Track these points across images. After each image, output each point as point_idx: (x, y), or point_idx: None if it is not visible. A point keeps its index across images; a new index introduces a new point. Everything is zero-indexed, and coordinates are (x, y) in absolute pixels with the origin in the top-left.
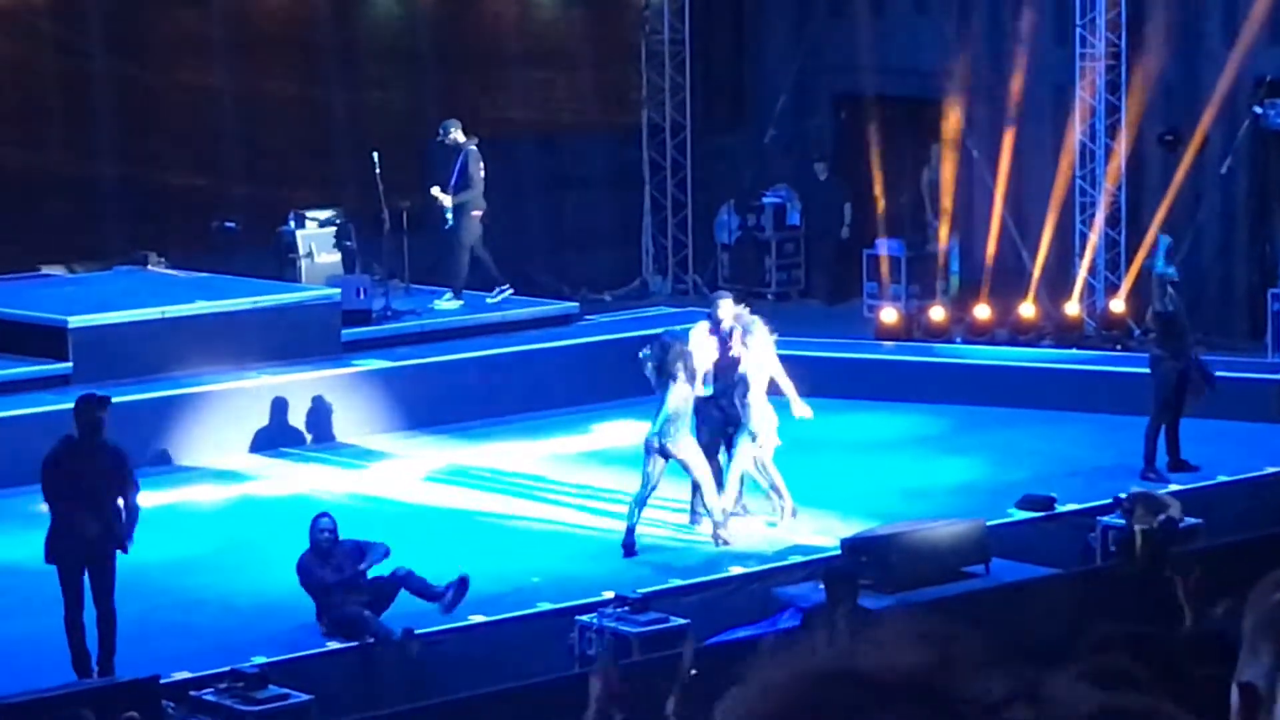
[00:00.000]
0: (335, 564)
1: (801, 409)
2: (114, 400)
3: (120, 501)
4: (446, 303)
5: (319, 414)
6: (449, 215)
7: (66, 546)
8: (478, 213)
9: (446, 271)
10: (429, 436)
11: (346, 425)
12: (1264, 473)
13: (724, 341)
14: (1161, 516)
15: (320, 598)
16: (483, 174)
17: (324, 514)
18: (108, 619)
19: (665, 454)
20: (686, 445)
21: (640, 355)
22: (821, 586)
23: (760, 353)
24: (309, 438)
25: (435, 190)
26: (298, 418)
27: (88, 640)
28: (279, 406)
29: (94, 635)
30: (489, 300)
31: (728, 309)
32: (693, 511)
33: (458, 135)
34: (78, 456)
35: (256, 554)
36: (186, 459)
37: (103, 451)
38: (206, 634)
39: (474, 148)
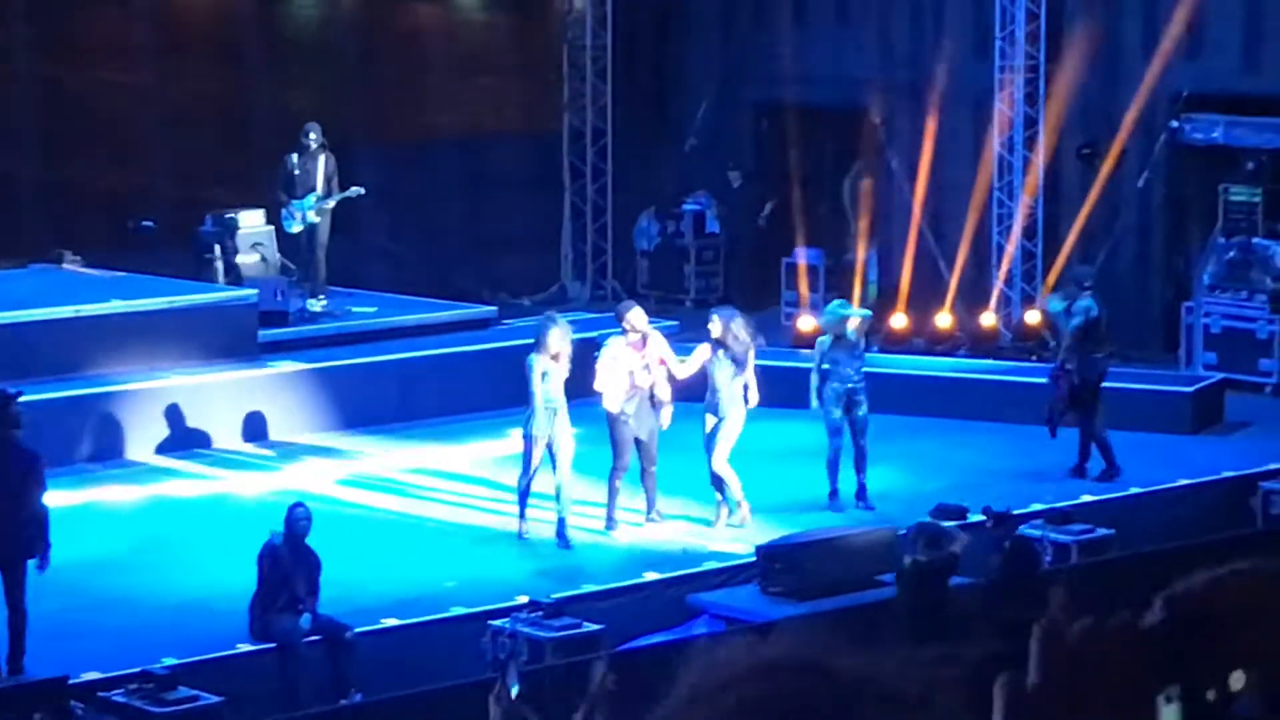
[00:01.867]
0: (306, 569)
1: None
2: (26, 399)
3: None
4: (318, 305)
5: (234, 415)
6: (315, 218)
7: None
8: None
9: (313, 274)
10: (345, 438)
11: (262, 426)
12: (1176, 484)
13: (638, 349)
14: (944, 550)
15: (273, 592)
16: None
17: (299, 504)
18: (19, 618)
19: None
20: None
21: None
22: None
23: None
24: (224, 439)
25: (355, 190)
26: (213, 418)
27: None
28: (194, 407)
29: (3, 635)
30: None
31: (638, 316)
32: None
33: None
34: None
35: (169, 555)
36: (99, 459)
37: (14, 449)
38: (117, 635)
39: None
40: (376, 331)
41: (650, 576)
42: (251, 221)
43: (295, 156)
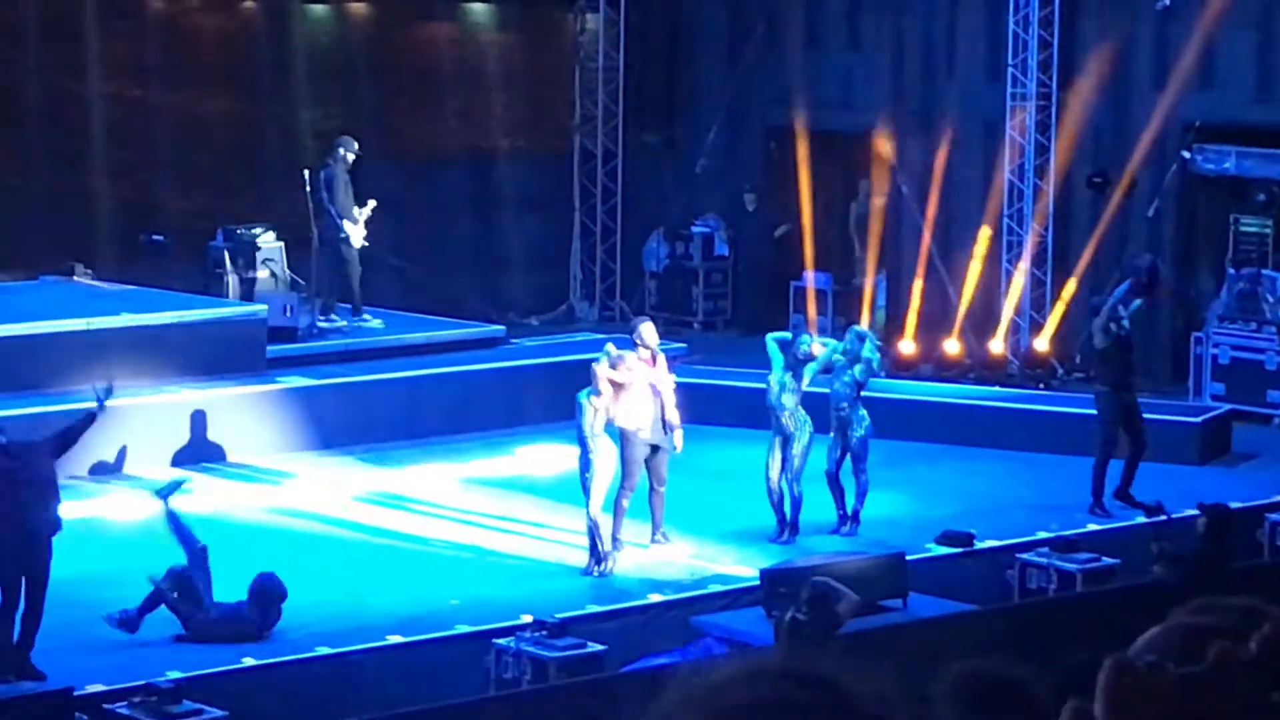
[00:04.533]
0: None
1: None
2: (33, 411)
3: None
4: (375, 321)
5: (241, 430)
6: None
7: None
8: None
9: (350, 291)
10: (351, 456)
11: (269, 442)
12: (1184, 515)
13: (650, 365)
14: (826, 610)
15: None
16: None
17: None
18: (36, 614)
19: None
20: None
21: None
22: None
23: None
24: (230, 454)
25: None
26: (220, 433)
27: (13, 636)
28: (201, 421)
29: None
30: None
31: (651, 332)
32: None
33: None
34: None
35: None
36: (107, 472)
37: (37, 452)
38: (122, 648)
39: None
40: (384, 349)
41: (655, 598)
42: (262, 237)
43: (340, 169)
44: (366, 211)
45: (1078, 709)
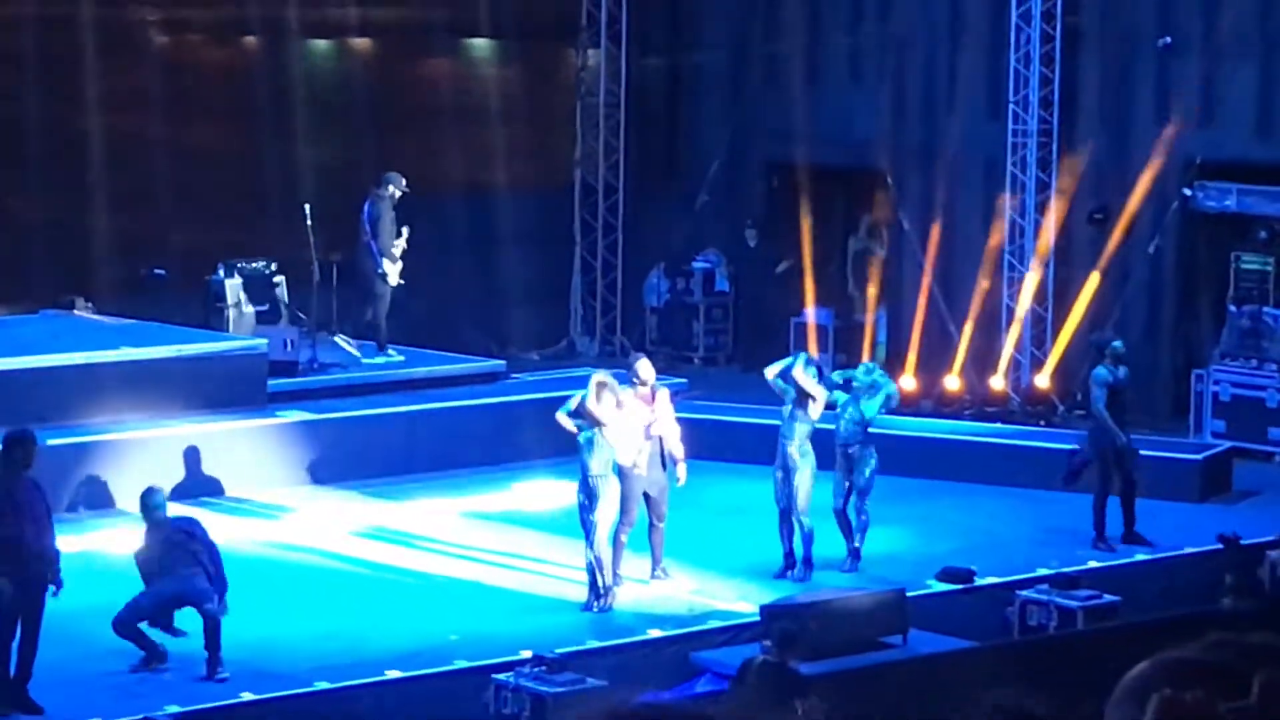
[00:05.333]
0: None
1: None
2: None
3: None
4: (398, 357)
5: (241, 464)
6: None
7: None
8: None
9: (378, 326)
10: (351, 490)
11: (269, 477)
12: (1183, 552)
13: (648, 402)
14: (791, 654)
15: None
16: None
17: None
18: (31, 645)
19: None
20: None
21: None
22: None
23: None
24: (231, 488)
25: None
26: (219, 468)
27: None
28: (201, 456)
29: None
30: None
31: (647, 368)
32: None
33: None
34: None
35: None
36: (105, 506)
37: (34, 485)
38: (121, 681)
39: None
40: (384, 384)
41: (655, 633)
42: (263, 271)
43: (386, 205)
44: (400, 243)
45: (1168, 698)
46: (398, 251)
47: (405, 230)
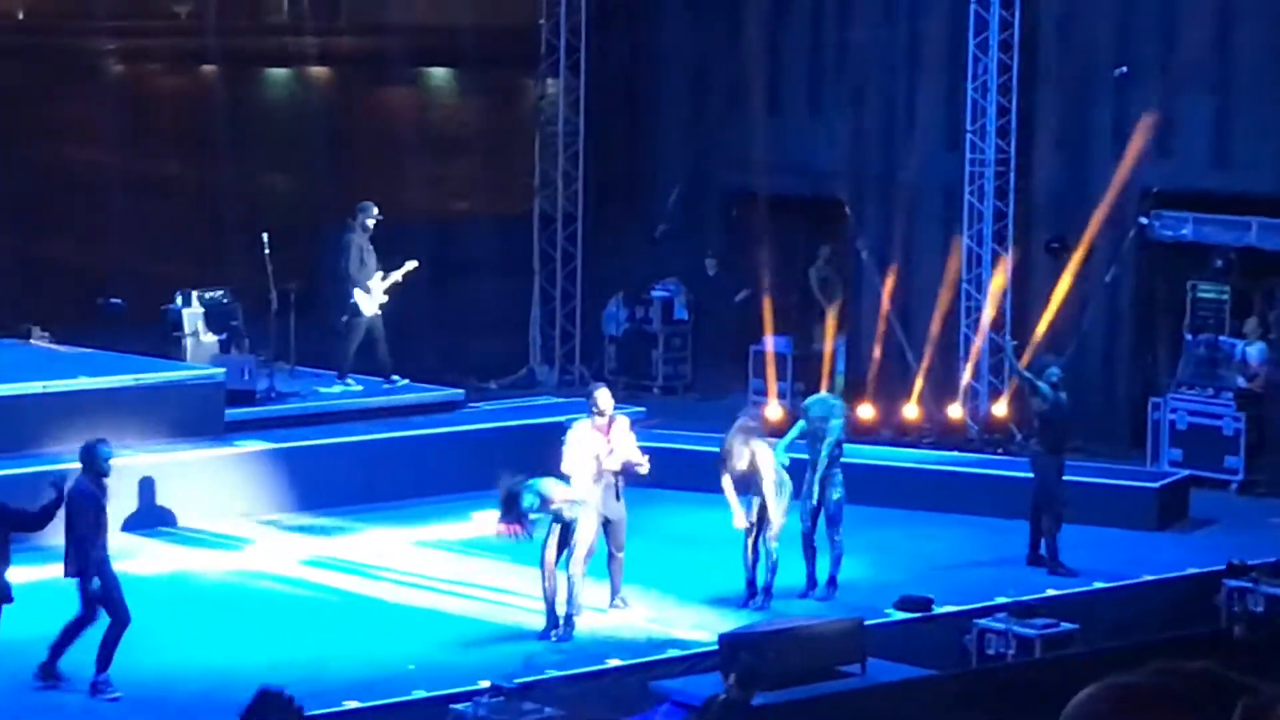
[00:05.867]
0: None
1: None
2: None
3: None
4: (356, 387)
5: (199, 493)
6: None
7: None
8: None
9: (345, 356)
10: (309, 519)
11: (226, 506)
12: (1141, 580)
13: (604, 432)
14: (748, 692)
15: (94, 533)
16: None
17: (103, 440)
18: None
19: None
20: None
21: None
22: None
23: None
24: (188, 517)
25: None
26: (176, 497)
27: None
28: (157, 485)
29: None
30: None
31: (606, 398)
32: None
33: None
34: None
35: (131, 634)
36: (60, 536)
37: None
38: (74, 714)
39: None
40: (343, 412)
41: (613, 662)
42: (221, 300)
43: (360, 236)
44: (397, 275)
45: (1252, 707)
46: (375, 284)
47: (412, 263)
